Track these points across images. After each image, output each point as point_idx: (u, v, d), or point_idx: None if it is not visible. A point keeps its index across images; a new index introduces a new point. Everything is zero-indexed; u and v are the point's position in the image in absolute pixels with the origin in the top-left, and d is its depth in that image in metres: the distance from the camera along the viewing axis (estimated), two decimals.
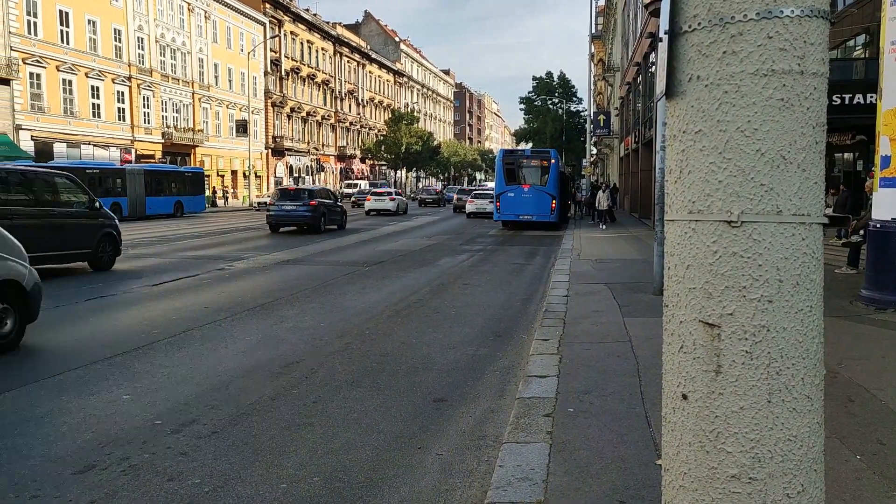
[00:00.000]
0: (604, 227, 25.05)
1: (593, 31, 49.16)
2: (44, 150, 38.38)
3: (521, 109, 68.80)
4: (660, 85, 1.93)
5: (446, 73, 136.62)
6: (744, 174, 1.79)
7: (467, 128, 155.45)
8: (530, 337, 8.18)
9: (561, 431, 4.77)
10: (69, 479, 4.28)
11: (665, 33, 1.88)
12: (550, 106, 66.23)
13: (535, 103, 66.36)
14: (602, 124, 45.37)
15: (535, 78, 66.25)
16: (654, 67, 25.70)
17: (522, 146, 68.36)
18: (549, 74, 66.21)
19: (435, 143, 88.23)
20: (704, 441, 1.84)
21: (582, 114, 65.83)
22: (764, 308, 1.79)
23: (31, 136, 38.10)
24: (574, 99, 67.06)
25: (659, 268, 10.65)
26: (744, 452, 1.81)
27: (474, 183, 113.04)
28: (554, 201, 27.34)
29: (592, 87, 49.24)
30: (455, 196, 48.74)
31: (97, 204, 14.93)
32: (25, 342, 7.88)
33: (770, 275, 1.79)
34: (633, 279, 12.59)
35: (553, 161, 28.12)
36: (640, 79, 32.58)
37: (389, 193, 42.83)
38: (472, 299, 11.47)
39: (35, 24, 38.47)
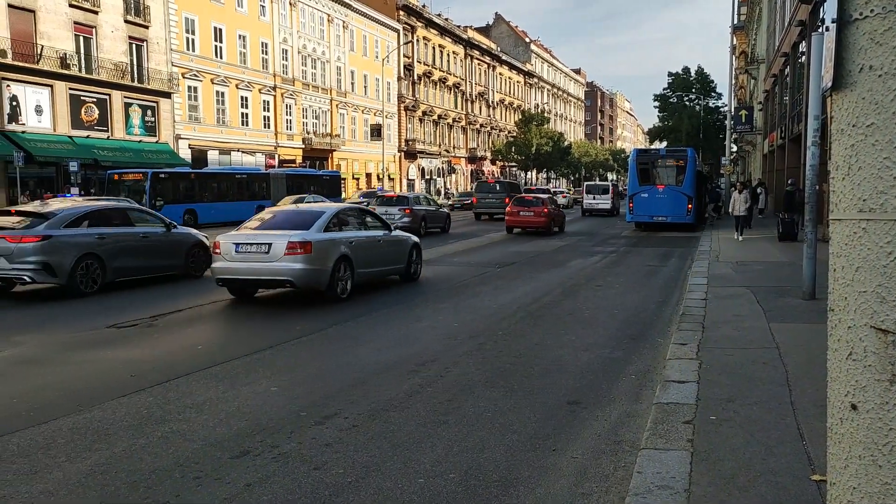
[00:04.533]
0: (740, 237, 20.82)
1: (735, 21, 46.78)
2: (199, 157, 41.41)
3: (655, 107, 66.81)
4: (826, 77, 1.82)
5: (577, 72, 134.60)
6: None
7: (598, 127, 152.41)
8: (667, 341, 7.92)
9: (703, 440, 4.58)
10: (227, 462, 4.60)
11: (833, 22, 1.76)
12: (687, 102, 63.60)
13: (671, 100, 63.97)
14: (744, 120, 42.99)
15: (670, 74, 63.84)
16: (803, 58, 24.09)
17: (656, 145, 66.13)
18: (686, 70, 63.63)
19: (565, 143, 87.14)
20: (877, 455, 1.72)
21: (721, 109, 62.77)
22: None
23: (189, 145, 41.20)
24: (713, 94, 64.06)
25: (809, 271, 9.98)
26: None
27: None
28: (690, 202, 26.28)
29: (733, 81, 46.88)
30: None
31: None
32: (187, 334, 8.55)
33: None
34: (779, 282, 11.88)
35: (690, 160, 27.05)
36: (787, 70, 30.66)
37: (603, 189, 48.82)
38: (606, 301, 11.26)
39: (193, 40, 41.59)
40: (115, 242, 12.37)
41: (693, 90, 63.18)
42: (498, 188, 37.66)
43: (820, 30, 15.41)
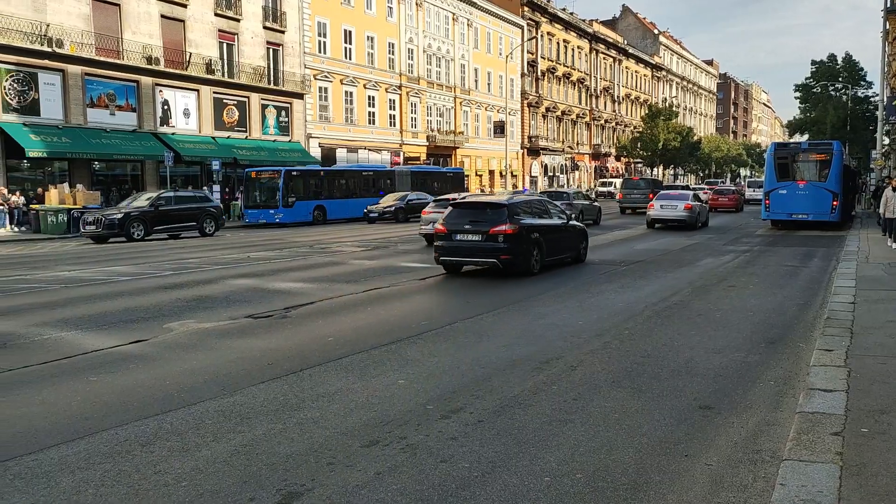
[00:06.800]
0: (894, 244, 17.78)
1: (888, 4, 43.10)
2: (328, 155, 43.09)
3: (795, 98, 62.70)
4: None
5: (709, 63, 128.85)
6: None
7: (731, 121, 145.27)
8: (810, 346, 7.44)
9: (853, 453, 4.26)
10: (357, 451, 4.75)
11: None
12: (832, 92, 59.30)
13: (814, 90, 59.86)
14: None
15: (814, 62, 59.72)
16: None
17: (797, 138, 62.21)
18: (832, 57, 59.34)
19: (694, 138, 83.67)
20: None
21: (872, 99, 58.14)
22: None
23: (319, 144, 42.95)
24: (862, 83, 59.35)
25: None
26: None
27: (737, 180, 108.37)
28: (835, 199, 24.51)
29: (886, 69, 43.28)
30: None
31: None
32: (319, 326, 8.91)
33: None
34: None
35: (835, 154, 25.21)
36: None
37: (760, 184, 51.48)
38: (739, 302, 10.72)
39: (324, 43, 43.31)
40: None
41: (839, 79, 58.82)
42: (642, 185, 40.92)
43: None
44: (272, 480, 4.28)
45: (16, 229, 26.76)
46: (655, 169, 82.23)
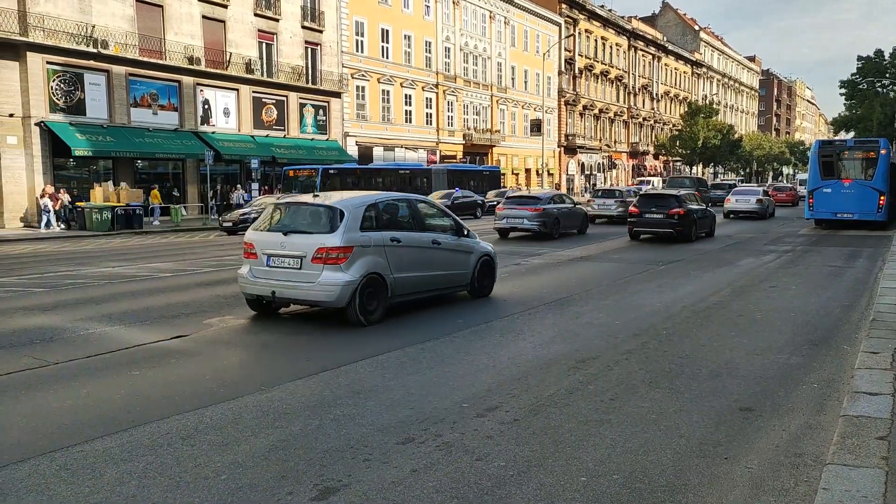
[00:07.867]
0: None
1: None
2: (365, 153, 43.33)
3: (841, 95, 61.13)
4: None
5: (751, 59, 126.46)
6: None
7: (774, 118, 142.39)
8: (854, 348, 7.27)
9: None
10: (393, 447, 4.78)
11: None
12: (879, 89, 57.75)
13: (860, 87, 58.36)
14: None
15: (860, 58, 58.21)
16: None
17: (841, 136, 60.78)
18: (879, 53, 57.75)
19: (735, 136, 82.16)
20: None
21: None
22: None
23: (356, 142, 43.22)
24: None
25: None
26: None
27: (780, 178, 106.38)
28: (882, 198, 23.88)
29: None
30: None
31: None
32: (352, 326, 9.00)
33: None
34: None
35: (882, 152, 24.54)
36: None
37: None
38: (781, 303, 10.52)
39: (362, 42, 43.56)
40: (560, 211, 22.46)
41: (886, 75, 57.26)
42: (687, 183, 43.12)
43: None
44: (309, 475, 4.32)
45: (62, 226, 27.43)
46: (694, 167, 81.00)
